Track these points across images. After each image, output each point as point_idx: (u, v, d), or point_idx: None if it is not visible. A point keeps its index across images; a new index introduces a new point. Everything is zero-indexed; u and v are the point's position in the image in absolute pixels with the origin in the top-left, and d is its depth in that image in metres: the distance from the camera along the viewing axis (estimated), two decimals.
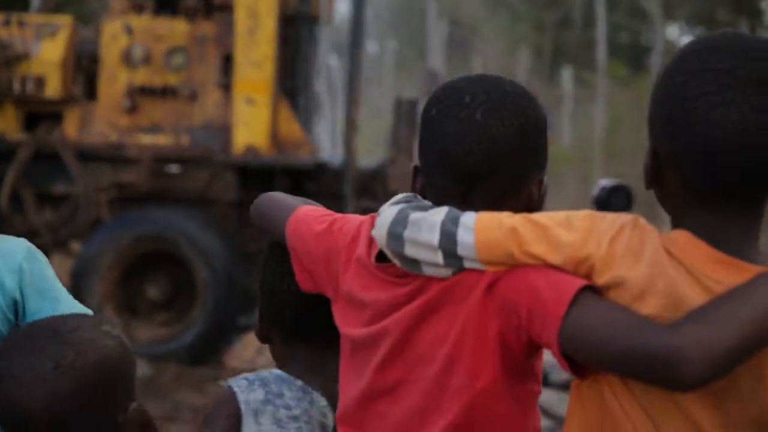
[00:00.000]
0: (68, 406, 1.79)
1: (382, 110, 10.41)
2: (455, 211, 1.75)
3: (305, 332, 2.04)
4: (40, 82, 7.58)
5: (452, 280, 1.76)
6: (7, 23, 7.71)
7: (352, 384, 1.89)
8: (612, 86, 18.63)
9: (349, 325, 1.89)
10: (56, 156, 7.61)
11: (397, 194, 1.87)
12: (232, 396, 1.97)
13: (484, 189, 1.78)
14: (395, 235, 1.78)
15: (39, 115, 7.74)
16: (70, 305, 1.99)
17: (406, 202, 1.84)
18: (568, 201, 13.76)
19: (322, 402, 2.00)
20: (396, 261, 1.80)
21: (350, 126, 7.94)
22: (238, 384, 1.99)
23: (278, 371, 2.03)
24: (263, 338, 2.10)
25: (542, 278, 1.68)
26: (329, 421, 2.00)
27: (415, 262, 1.78)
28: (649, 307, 1.62)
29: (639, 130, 16.70)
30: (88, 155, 7.68)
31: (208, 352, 7.07)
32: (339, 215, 1.98)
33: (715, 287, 1.61)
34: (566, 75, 20.21)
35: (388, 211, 1.81)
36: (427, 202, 1.82)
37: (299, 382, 2.00)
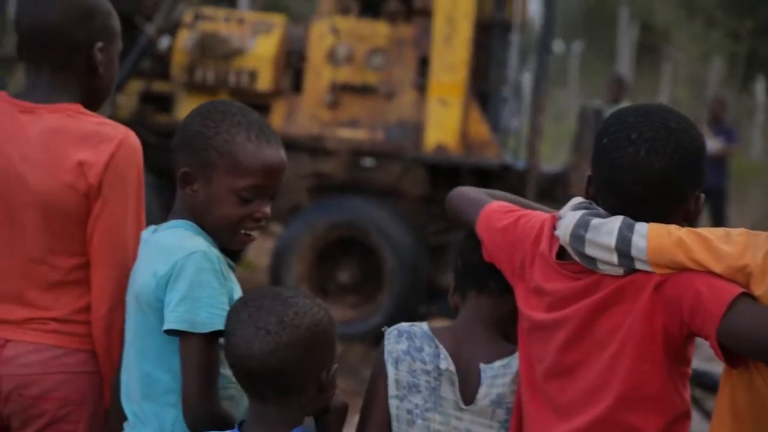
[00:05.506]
0: (286, 356, 2.09)
1: (566, 113, 10.60)
2: (629, 219, 2.12)
3: (477, 282, 2.39)
4: (253, 75, 8.03)
5: (625, 280, 2.11)
6: (227, 20, 8.22)
7: (530, 362, 2.24)
8: None
9: (530, 308, 2.24)
10: None
11: (574, 197, 2.30)
12: (381, 352, 2.34)
13: (647, 210, 2.14)
14: (578, 236, 2.14)
15: (250, 105, 8.26)
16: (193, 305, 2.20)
17: (585, 208, 2.19)
18: (754, 213, 13.58)
19: (449, 364, 2.33)
20: (576, 258, 2.16)
21: (535, 131, 8.22)
22: (389, 335, 2.35)
23: (427, 328, 2.36)
24: (454, 305, 2.46)
25: (705, 283, 2.04)
26: (450, 375, 2.33)
27: (592, 260, 2.14)
28: None
29: None
30: (291, 145, 8.08)
31: None
32: (524, 211, 2.33)
33: None
34: (760, 86, 19.84)
35: (570, 215, 2.18)
36: (603, 211, 2.18)
37: (437, 342, 2.35)
